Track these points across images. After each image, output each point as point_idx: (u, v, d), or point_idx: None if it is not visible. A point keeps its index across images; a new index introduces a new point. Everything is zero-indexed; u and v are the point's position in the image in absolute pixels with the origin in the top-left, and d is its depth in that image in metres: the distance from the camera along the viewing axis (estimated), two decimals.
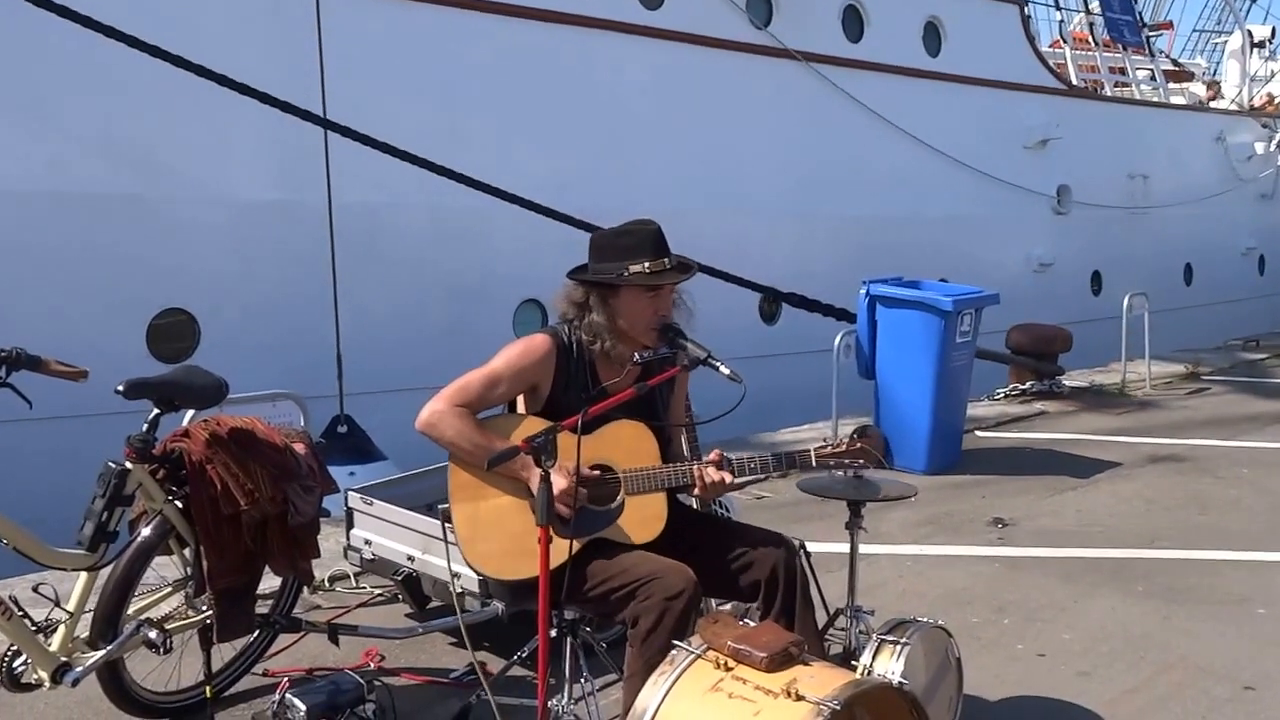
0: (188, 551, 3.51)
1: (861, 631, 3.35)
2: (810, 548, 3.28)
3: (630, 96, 9.40)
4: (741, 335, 9.24)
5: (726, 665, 2.55)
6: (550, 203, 7.81)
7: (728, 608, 3.38)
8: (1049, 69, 13.49)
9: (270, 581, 3.78)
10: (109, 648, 3.33)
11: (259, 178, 7.59)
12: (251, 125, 7.18)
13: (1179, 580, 5.02)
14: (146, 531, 3.43)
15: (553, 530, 2.73)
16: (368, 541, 4.25)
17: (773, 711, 2.40)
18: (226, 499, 3.37)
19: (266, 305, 7.51)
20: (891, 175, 11.25)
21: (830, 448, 3.16)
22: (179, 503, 3.44)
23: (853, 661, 3.22)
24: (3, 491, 4.47)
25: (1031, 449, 7.69)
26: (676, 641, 2.68)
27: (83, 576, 3.36)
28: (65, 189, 6.89)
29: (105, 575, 3.41)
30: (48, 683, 3.25)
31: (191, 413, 3.98)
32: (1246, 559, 5.33)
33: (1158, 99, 16.31)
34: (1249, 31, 19.70)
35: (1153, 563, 5.28)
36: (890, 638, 3.15)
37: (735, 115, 10.06)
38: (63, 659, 3.28)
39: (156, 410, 3.42)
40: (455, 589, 3.39)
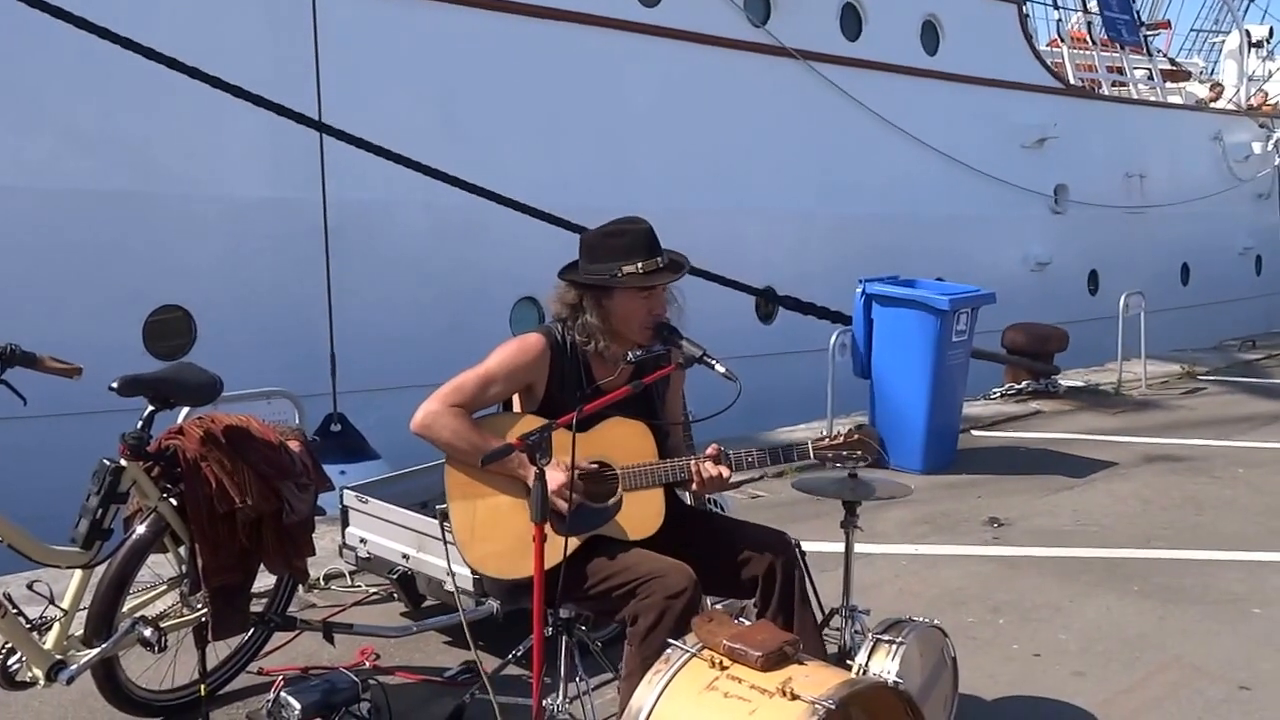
0: (182, 549, 3.50)
1: (857, 631, 3.35)
2: (806, 547, 3.27)
3: (627, 94, 9.39)
4: (738, 334, 9.25)
5: (722, 664, 2.54)
6: (545, 200, 7.80)
7: (723, 606, 3.37)
8: (1047, 68, 13.50)
9: (265, 580, 3.77)
10: (104, 646, 3.32)
11: (254, 175, 7.57)
12: (247, 122, 7.16)
13: (1174, 580, 5.03)
14: (141, 529, 3.42)
15: (551, 527, 2.73)
16: (363, 540, 4.24)
17: (768, 711, 2.40)
18: (221, 497, 3.37)
19: (262, 302, 7.50)
20: (889, 174, 11.25)
21: (828, 440, 3.16)
22: (174, 500, 3.43)
23: (848, 661, 3.22)
24: None
25: (1027, 448, 7.70)
26: (671, 640, 2.67)
27: (77, 574, 3.35)
28: (61, 186, 6.87)
29: (100, 573, 3.40)
30: (42, 681, 3.24)
31: (186, 410, 3.97)
32: (1242, 559, 5.33)
33: (1155, 98, 16.33)
34: (1247, 31, 19.73)
35: (1148, 563, 5.28)
36: (886, 637, 3.15)
37: (733, 113, 10.05)
38: (57, 657, 3.27)
39: (151, 407, 3.41)
40: (451, 587, 3.38)
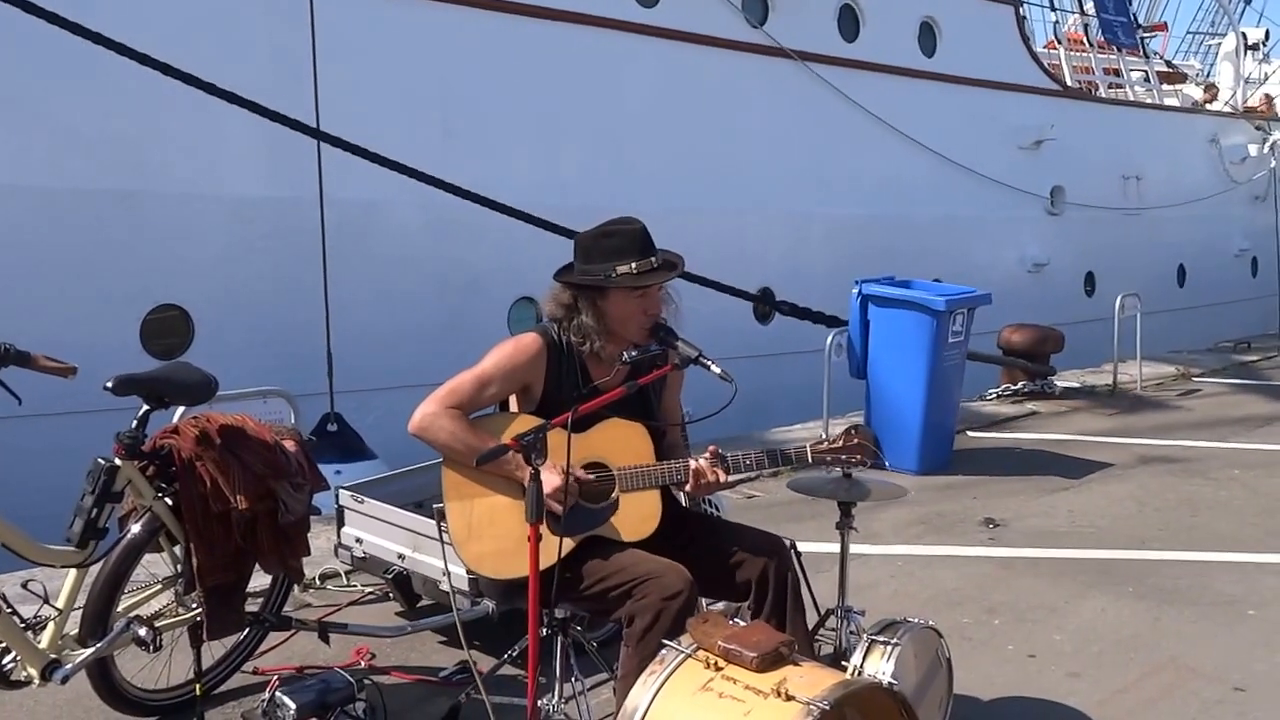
0: (177, 549, 3.49)
1: (852, 632, 3.35)
2: (801, 548, 3.27)
3: (625, 94, 9.40)
4: (735, 335, 9.26)
5: (717, 665, 2.54)
6: (543, 201, 7.80)
7: (719, 607, 3.37)
8: (1044, 70, 13.52)
9: (260, 579, 3.77)
10: (98, 645, 3.32)
11: (251, 174, 7.57)
12: (244, 121, 7.13)
13: (1169, 581, 5.03)
14: (136, 528, 3.42)
15: (547, 528, 2.72)
16: (358, 539, 4.24)
17: (762, 711, 2.40)
18: (216, 496, 3.36)
19: (260, 301, 7.50)
20: (886, 174, 11.27)
21: (826, 443, 3.16)
22: (169, 499, 3.42)
23: (843, 662, 3.22)
24: None
25: (1023, 449, 7.70)
26: (666, 641, 2.67)
27: (72, 573, 3.35)
28: (58, 185, 6.87)
29: (95, 572, 3.39)
30: (37, 680, 3.24)
31: (181, 409, 3.97)
32: (1237, 560, 5.34)
33: (1152, 100, 16.36)
34: (1243, 33, 19.77)
35: (1144, 564, 5.29)
36: (881, 638, 3.15)
37: (730, 114, 10.06)
38: (52, 656, 3.26)
39: (146, 407, 3.41)
40: (447, 587, 3.38)
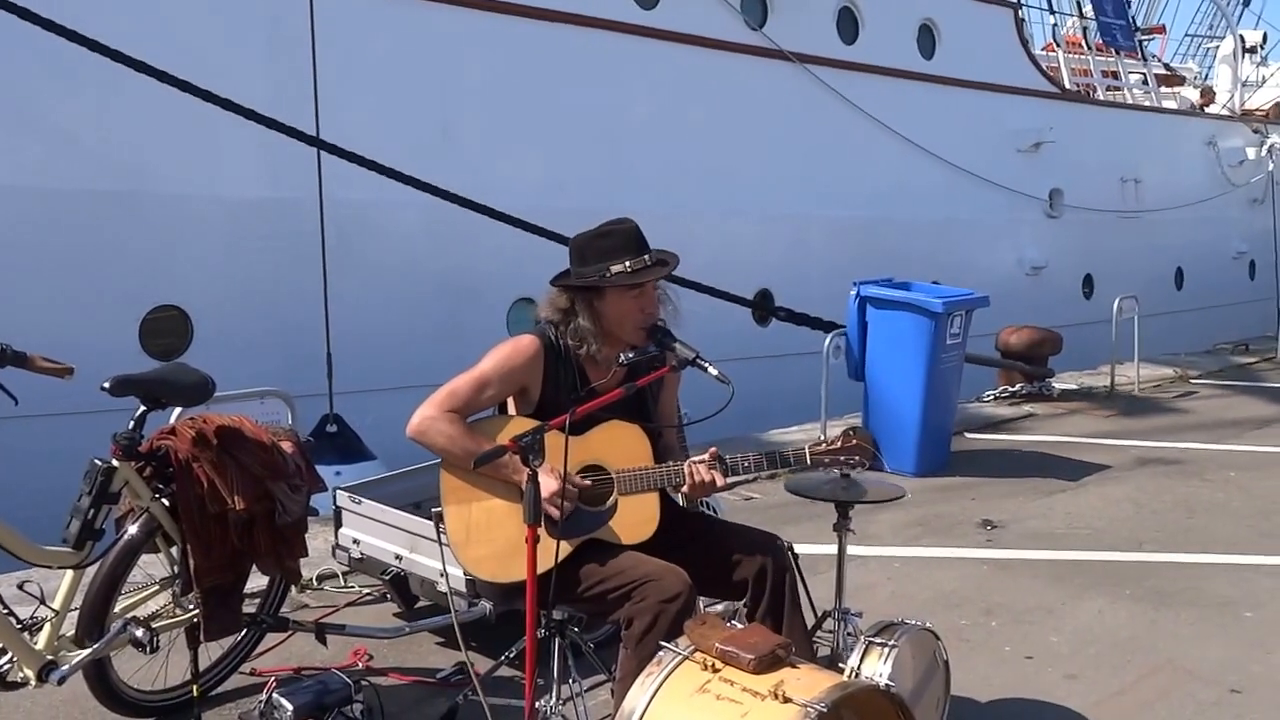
0: (174, 550, 3.50)
1: (849, 634, 3.35)
2: (798, 549, 3.28)
3: (624, 96, 9.40)
4: (733, 336, 9.26)
5: (714, 667, 2.54)
6: (542, 203, 7.80)
7: (717, 609, 3.37)
8: (1042, 72, 13.54)
9: (258, 580, 3.76)
10: (95, 646, 3.31)
11: (251, 175, 7.57)
12: (243, 123, 7.14)
13: (1166, 583, 5.03)
14: (133, 529, 3.42)
15: (545, 530, 2.72)
16: (356, 540, 4.24)
17: (759, 713, 2.40)
18: (213, 497, 3.36)
19: (259, 303, 7.50)
20: (885, 177, 11.28)
21: (825, 445, 3.16)
22: (166, 501, 3.42)
23: (840, 664, 3.22)
24: None
25: (1021, 451, 7.71)
26: (664, 643, 2.67)
27: (69, 574, 3.34)
28: (57, 186, 6.86)
29: (91, 573, 3.39)
30: (33, 681, 3.23)
31: (178, 410, 3.97)
32: (1234, 562, 5.34)
33: (1150, 103, 16.38)
34: (1240, 36, 19.80)
35: (1140, 566, 5.29)
36: (878, 640, 3.15)
37: (730, 116, 10.06)
38: (48, 657, 3.26)
39: (143, 407, 3.40)
40: (444, 588, 3.38)
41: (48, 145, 6.86)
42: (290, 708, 3.24)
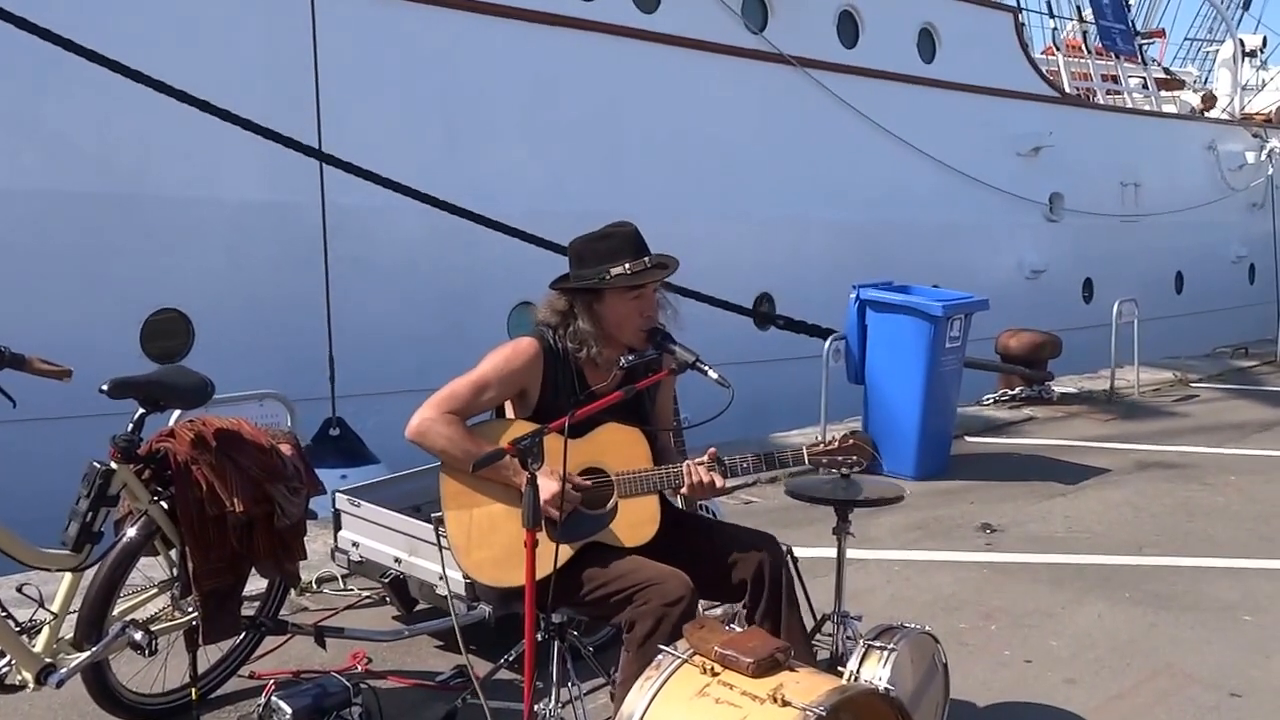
0: (173, 552, 3.49)
1: (849, 637, 3.35)
2: (798, 552, 3.28)
3: (625, 100, 9.40)
4: (733, 340, 9.25)
5: (713, 670, 2.54)
6: (542, 206, 7.80)
7: (717, 612, 3.37)
8: (1042, 76, 13.55)
9: (257, 583, 3.76)
10: (94, 649, 3.31)
11: (252, 178, 7.57)
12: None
13: (1166, 587, 5.03)
14: (132, 532, 3.41)
15: (546, 533, 2.71)
16: (355, 544, 4.23)
17: (758, 717, 2.40)
18: (212, 500, 3.36)
19: (261, 306, 7.50)
20: (885, 181, 11.28)
21: (822, 445, 3.16)
22: (164, 503, 3.42)
23: (839, 667, 3.22)
24: None
25: (1020, 455, 7.70)
26: (663, 646, 2.67)
27: (67, 577, 3.34)
28: (59, 188, 6.87)
29: (90, 576, 3.39)
30: (32, 684, 3.23)
31: (177, 413, 3.96)
32: (1233, 566, 5.34)
33: (1150, 107, 16.38)
34: (1240, 40, 19.81)
35: (1140, 569, 5.29)
36: (877, 643, 3.15)
37: (730, 120, 10.07)
38: (47, 660, 3.26)
39: (141, 410, 3.40)
40: (444, 591, 3.38)
41: (49, 148, 6.87)
42: (289, 711, 3.23)
